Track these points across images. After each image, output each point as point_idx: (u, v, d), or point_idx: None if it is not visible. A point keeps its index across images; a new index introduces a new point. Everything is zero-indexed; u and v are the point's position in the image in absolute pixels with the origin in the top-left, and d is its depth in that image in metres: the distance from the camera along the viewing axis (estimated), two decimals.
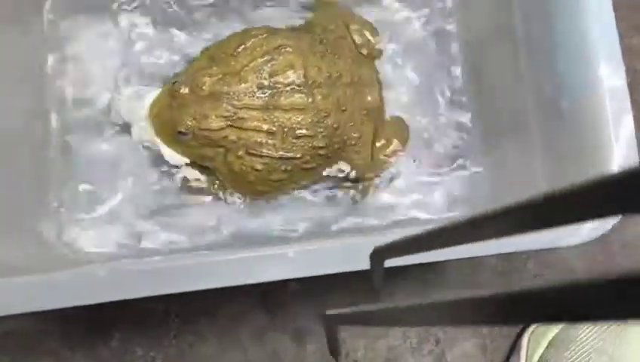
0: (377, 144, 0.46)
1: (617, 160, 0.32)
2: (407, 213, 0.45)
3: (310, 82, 0.41)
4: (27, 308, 0.32)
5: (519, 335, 0.48)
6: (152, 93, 0.43)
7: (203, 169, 0.45)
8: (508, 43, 0.34)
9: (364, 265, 0.32)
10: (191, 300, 0.48)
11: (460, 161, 0.47)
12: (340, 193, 0.47)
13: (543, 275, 0.49)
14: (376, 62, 0.47)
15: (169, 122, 0.41)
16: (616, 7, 0.50)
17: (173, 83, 0.41)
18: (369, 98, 0.44)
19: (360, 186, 0.46)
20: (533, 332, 0.47)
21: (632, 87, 0.50)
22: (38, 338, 0.48)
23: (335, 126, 0.42)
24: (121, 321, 0.48)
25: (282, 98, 0.41)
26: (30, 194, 0.43)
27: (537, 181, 0.39)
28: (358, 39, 0.45)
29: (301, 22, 0.47)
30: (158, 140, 0.43)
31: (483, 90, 0.45)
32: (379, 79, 0.46)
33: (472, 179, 0.46)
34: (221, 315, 0.48)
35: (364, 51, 0.46)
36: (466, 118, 0.47)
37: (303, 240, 0.44)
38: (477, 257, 0.36)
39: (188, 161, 0.44)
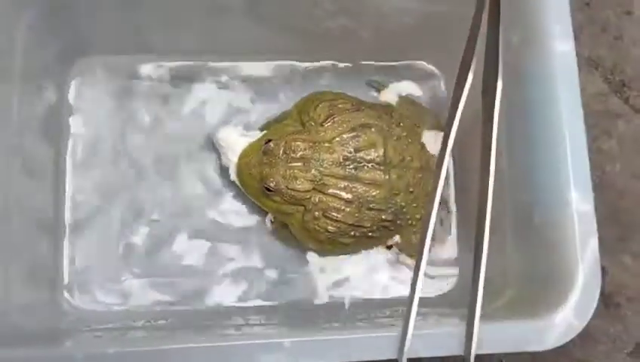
0: None
1: (582, 277, 0.36)
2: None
3: (388, 161, 0.47)
4: None
5: None
6: (252, 134, 0.48)
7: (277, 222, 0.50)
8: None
9: (355, 357, 0.35)
10: None
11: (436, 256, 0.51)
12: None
13: (508, 355, 0.53)
14: None
15: (258, 175, 0.46)
16: (590, 114, 0.55)
17: (267, 141, 0.46)
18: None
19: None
20: None
21: (600, 185, 0.55)
22: None
23: (403, 204, 0.47)
24: None
25: (363, 172, 0.46)
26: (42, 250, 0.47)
27: (509, 278, 0.43)
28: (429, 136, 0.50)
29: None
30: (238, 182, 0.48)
31: (468, 191, 0.50)
32: None
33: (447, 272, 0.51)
34: None
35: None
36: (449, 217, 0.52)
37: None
38: None
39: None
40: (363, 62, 0.53)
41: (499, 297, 0.42)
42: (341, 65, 0.53)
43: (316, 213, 0.46)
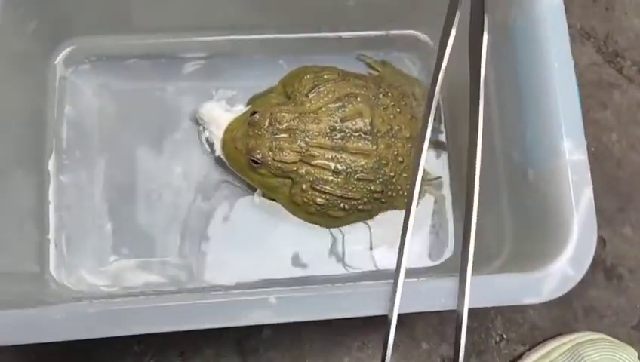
0: None
1: (577, 227, 0.35)
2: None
3: (375, 131, 0.46)
4: (15, 341, 0.33)
5: None
6: (236, 109, 0.48)
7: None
8: (484, 115, 0.37)
9: (344, 313, 0.34)
10: (167, 342, 0.49)
11: (434, 218, 0.51)
12: None
13: (508, 332, 0.51)
14: None
15: (244, 148, 0.45)
16: (584, 85, 0.55)
17: (252, 113, 0.45)
18: None
19: None
20: None
21: (596, 156, 0.54)
22: None
23: (392, 174, 0.47)
24: (97, 360, 0.49)
25: (350, 142, 0.46)
26: (27, 231, 0.46)
27: (505, 238, 0.42)
28: (418, 103, 0.50)
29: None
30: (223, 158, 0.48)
31: (461, 153, 0.49)
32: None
33: (444, 234, 0.50)
34: (196, 359, 0.49)
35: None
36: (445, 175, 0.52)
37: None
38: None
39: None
40: (352, 34, 0.52)
41: (496, 259, 0.41)
42: (329, 36, 0.52)
43: (304, 186, 0.45)
